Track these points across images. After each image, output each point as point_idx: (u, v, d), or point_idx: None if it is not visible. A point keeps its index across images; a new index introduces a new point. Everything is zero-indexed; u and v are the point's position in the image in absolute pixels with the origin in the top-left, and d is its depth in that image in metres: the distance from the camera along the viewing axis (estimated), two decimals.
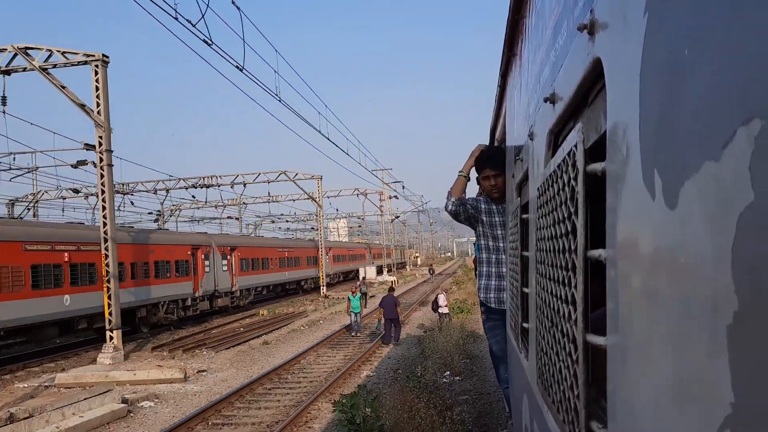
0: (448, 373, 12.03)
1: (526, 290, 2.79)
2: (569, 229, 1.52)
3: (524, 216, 2.89)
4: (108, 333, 15.76)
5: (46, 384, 13.44)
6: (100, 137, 15.73)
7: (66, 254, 17.67)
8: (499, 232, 4.61)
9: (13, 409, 10.65)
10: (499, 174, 4.49)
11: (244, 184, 35.19)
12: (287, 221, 56.22)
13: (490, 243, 4.67)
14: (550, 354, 1.90)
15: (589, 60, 1.30)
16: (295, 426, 9.33)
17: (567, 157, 1.53)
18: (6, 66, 15.46)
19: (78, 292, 17.79)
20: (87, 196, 26.97)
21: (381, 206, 53.92)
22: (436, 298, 19.79)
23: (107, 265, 15.85)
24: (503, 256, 4.56)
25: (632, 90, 1.00)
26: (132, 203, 33.96)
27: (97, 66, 15.58)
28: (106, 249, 15.87)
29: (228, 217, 46.60)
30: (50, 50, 15.61)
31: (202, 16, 11.79)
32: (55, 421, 9.92)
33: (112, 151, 16.02)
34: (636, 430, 1.01)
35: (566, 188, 1.55)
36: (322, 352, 16.19)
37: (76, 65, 15.82)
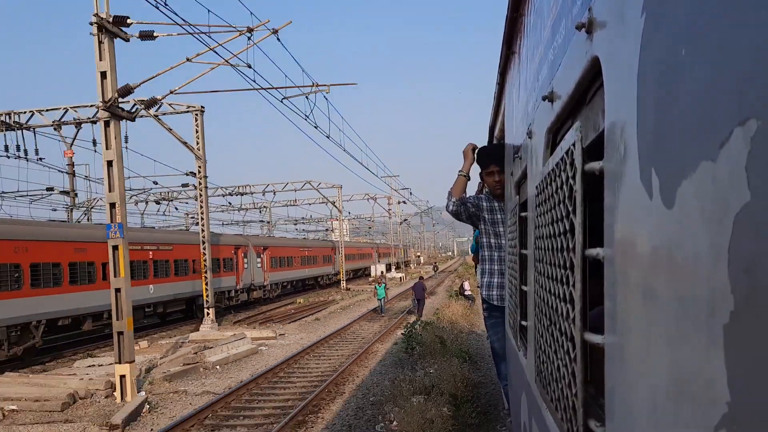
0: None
1: (524, 288, 2.79)
2: (567, 227, 1.53)
3: (523, 214, 2.90)
4: (206, 310, 21.33)
5: (181, 342, 18.51)
6: (200, 167, 21.20)
7: (150, 252, 22.31)
8: (501, 229, 4.61)
9: (184, 349, 16.65)
10: (503, 170, 4.49)
11: (274, 192, 40.60)
12: (303, 222, 61.87)
13: (492, 240, 4.67)
14: (548, 352, 1.90)
15: (587, 59, 1.30)
16: (367, 354, 15.73)
17: (565, 155, 1.53)
18: (130, 111, 18.18)
19: (158, 282, 22.73)
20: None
21: (389, 209, 60.36)
22: (462, 284, 27.17)
23: (205, 260, 21.47)
24: (505, 254, 4.56)
25: (630, 89, 1.00)
26: (176, 208, 40.05)
27: (196, 114, 20.68)
28: (204, 249, 21.49)
29: (260, 221, 53.35)
30: (162, 103, 18.31)
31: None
32: (224, 351, 16.04)
33: (207, 177, 21.49)
34: (634, 428, 1.02)
35: (564, 187, 1.55)
36: (362, 323, 22.43)
37: (180, 113, 20.74)
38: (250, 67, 14.23)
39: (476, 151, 4.77)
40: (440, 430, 7.87)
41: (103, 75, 11.63)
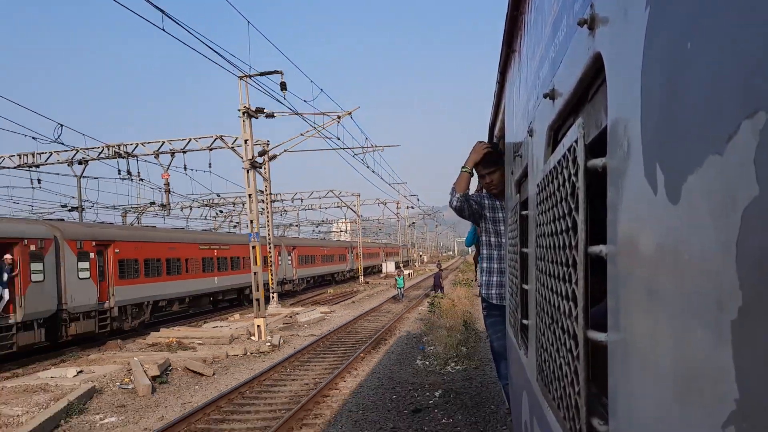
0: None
1: (525, 287, 2.78)
2: (570, 225, 1.52)
3: (524, 212, 2.89)
4: (272, 295, 26.09)
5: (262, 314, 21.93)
6: (266, 186, 25.25)
7: (215, 251, 28.40)
8: (502, 228, 4.61)
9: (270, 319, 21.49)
10: (493, 171, 4.52)
11: (302, 200, 48.91)
12: (323, 224, 70.11)
13: (493, 239, 4.67)
14: (550, 350, 1.89)
15: (590, 55, 1.29)
16: (401, 319, 22.41)
17: (567, 152, 1.52)
18: (209, 146, 23.80)
19: (222, 275, 28.88)
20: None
21: (398, 213, 67.15)
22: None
23: (270, 256, 25.55)
24: (504, 253, 4.56)
25: (634, 85, 0.99)
26: (221, 213, 47.47)
27: (265, 147, 23.22)
28: (270, 247, 25.79)
29: (290, 225, 62.71)
30: (236, 137, 22.30)
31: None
32: (306, 316, 23.34)
33: (272, 194, 25.80)
34: (638, 427, 1.01)
35: (567, 184, 1.54)
36: (389, 305, 28.96)
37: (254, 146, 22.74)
38: (339, 139, 23.63)
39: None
40: (456, 343, 14.67)
41: (246, 141, 19.68)
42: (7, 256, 15.59)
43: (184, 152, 24.69)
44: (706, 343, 0.73)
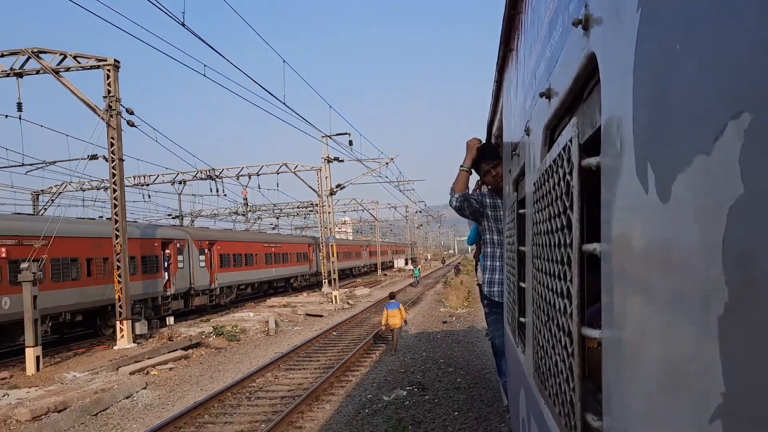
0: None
1: (522, 285, 2.80)
2: (565, 223, 1.53)
3: (521, 211, 2.90)
4: (324, 281, 32.68)
5: (293, 303, 28.75)
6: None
7: (272, 248, 35.55)
8: (503, 226, 4.61)
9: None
10: (497, 164, 4.51)
11: (329, 205, 52.74)
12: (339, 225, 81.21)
13: (495, 237, 4.67)
14: (546, 348, 1.90)
15: (584, 55, 1.31)
16: (423, 294, 32.10)
17: (562, 151, 1.54)
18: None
19: (275, 267, 35.78)
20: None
21: (406, 216, 77.25)
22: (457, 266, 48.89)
23: (315, 253, 35.70)
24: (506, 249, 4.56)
25: (626, 85, 1.00)
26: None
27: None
28: (313, 246, 36.10)
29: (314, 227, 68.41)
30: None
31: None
32: (358, 291, 34.95)
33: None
34: (631, 422, 1.02)
35: (561, 183, 1.56)
36: (410, 288, 37.16)
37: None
38: (387, 178, 28.84)
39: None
40: (463, 297, 25.63)
41: (326, 178, 28.75)
42: (167, 251, 23.34)
43: (258, 175, 31.89)
44: (695, 339, 0.74)
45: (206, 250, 26.76)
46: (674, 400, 0.81)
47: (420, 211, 77.52)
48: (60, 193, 30.90)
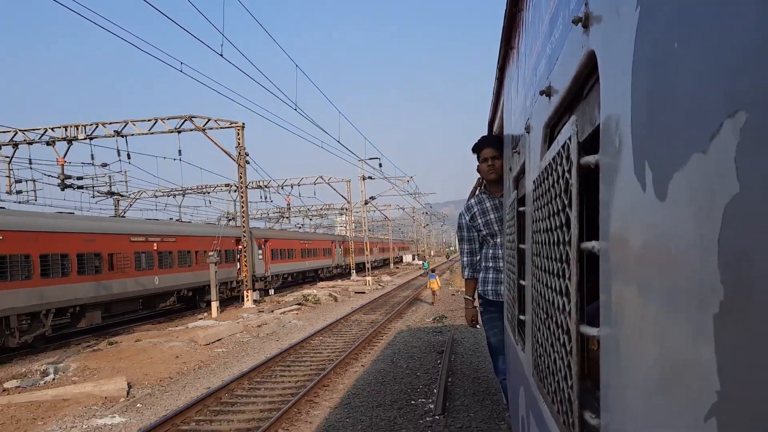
0: None
1: (522, 282, 2.80)
2: (563, 221, 1.53)
3: (521, 209, 2.91)
4: (352, 271, 45.07)
5: (336, 285, 36.84)
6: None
7: (306, 244, 42.14)
8: (496, 227, 4.64)
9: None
10: (497, 156, 4.54)
11: (344, 208, 58.73)
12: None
13: (489, 238, 4.73)
14: (545, 345, 1.91)
15: (584, 53, 1.31)
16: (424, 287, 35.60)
17: (561, 149, 1.54)
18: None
19: (308, 260, 42.32)
20: None
21: (413, 217, 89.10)
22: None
23: (350, 249, 43.81)
24: (500, 251, 4.59)
25: (624, 83, 1.00)
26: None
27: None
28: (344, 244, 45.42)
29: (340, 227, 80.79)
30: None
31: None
32: (384, 278, 44.45)
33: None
34: (628, 419, 1.02)
35: (561, 181, 1.56)
36: (423, 278, 40.39)
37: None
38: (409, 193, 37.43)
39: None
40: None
41: (361, 192, 37.53)
42: (239, 246, 28.11)
43: (299, 185, 40.79)
44: (691, 337, 0.74)
45: (262, 246, 33.06)
46: (670, 397, 0.82)
47: (426, 213, 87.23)
48: (136, 199, 38.65)
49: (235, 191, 36.96)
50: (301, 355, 13.60)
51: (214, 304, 21.95)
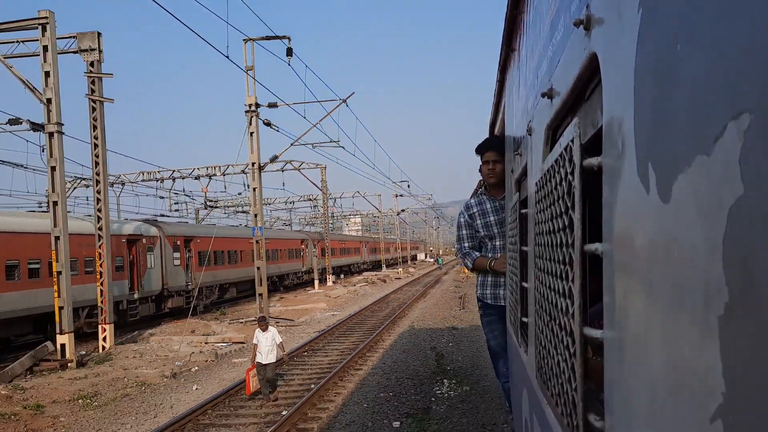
0: None
1: (525, 285, 2.80)
2: (566, 223, 1.53)
3: (523, 211, 2.90)
4: (384, 266, 61.92)
5: (378, 274, 51.82)
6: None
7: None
8: (495, 230, 4.64)
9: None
10: (498, 161, 4.53)
11: (360, 214, 71.42)
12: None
13: (487, 241, 4.71)
14: (548, 348, 1.91)
15: (585, 55, 1.31)
16: (447, 272, 56.12)
17: (564, 151, 1.54)
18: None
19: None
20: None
21: (424, 220, 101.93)
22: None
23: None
24: (498, 254, 4.58)
25: (627, 85, 1.00)
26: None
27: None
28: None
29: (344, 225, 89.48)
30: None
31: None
32: (411, 270, 65.25)
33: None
34: (633, 422, 1.02)
35: (563, 183, 1.56)
36: (435, 271, 58.84)
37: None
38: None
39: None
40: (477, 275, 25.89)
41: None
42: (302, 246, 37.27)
43: (340, 197, 49.20)
44: (695, 338, 0.74)
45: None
46: (675, 399, 0.81)
47: (437, 218, 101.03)
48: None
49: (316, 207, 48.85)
50: (391, 300, 28.64)
51: (317, 282, 37.82)
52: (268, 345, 10.30)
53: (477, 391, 10.49)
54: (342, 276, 48.65)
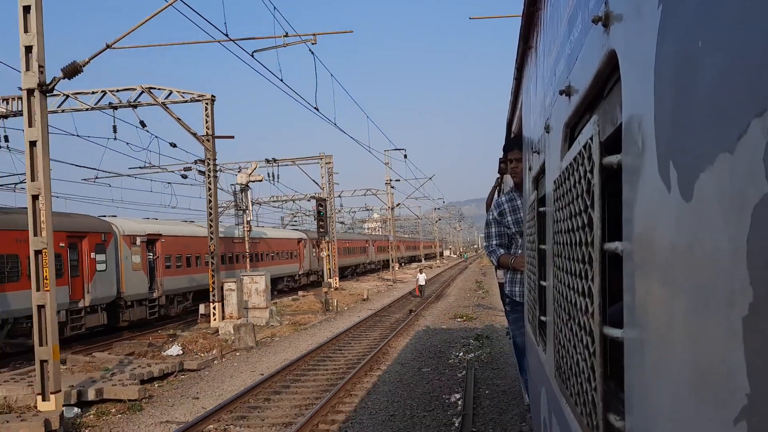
0: None
1: (543, 283, 2.78)
2: (585, 221, 1.52)
3: (541, 209, 2.89)
4: (401, 263, 63.14)
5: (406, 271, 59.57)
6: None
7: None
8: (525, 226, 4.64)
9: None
10: (520, 159, 4.55)
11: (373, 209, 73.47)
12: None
13: (516, 236, 4.71)
14: (567, 347, 1.89)
15: (604, 52, 1.30)
16: (471, 264, 79.38)
17: (583, 149, 1.53)
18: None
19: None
20: None
21: (438, 219, 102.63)
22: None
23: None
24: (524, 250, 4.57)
25: (647, 82, 0.99)
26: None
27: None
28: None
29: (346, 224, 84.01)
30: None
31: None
32: (436, 264, 77.44)
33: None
34: (654, 422, 1.01)
35: (582, 181, 1.55)
36: (463, 262, 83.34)
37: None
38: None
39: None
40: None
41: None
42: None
43: (340, 196, 48.34)
44: (719, 339, 0.73)
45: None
46: (698, 400, 0.80)
47: (458, 220, 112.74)
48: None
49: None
50: (437, 278, 44.21)
51: (335, 279, 35.91)
52: None
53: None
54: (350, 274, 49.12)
